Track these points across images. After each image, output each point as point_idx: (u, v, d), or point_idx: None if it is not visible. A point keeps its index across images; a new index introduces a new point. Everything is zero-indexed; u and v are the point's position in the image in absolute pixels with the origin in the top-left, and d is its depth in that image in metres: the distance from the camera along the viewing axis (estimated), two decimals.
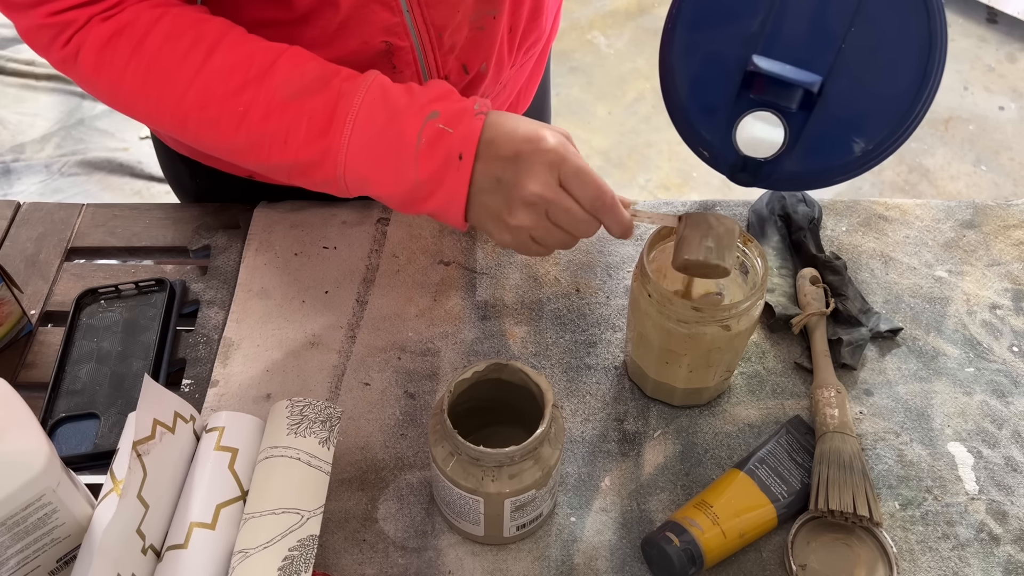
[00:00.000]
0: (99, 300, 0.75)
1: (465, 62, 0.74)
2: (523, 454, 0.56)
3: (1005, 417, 0.70)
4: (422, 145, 0.59)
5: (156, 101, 0.62)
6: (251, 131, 0.61)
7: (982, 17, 2.66)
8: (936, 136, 2.32)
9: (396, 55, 0.69)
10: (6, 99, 2.11)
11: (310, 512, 0.57)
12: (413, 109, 0.60)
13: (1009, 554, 0.62)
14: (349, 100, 0.60)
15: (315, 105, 0.60)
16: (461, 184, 0.60)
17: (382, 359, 0.72)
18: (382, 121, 0.60)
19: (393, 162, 0.60)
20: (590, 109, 2.38)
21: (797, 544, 0.62)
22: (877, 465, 0.67)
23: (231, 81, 0.60)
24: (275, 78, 0.60)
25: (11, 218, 0.82)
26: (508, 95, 0.85)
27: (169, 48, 0.60)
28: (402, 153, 0.60)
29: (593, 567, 0.61)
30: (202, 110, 0.61)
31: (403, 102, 0.60)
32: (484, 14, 0.71)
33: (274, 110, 0.60)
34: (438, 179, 0.60)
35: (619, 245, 0.81)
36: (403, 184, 0.61)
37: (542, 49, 0.86)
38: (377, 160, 0.60)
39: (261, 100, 0.60)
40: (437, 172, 0.60)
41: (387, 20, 0.67)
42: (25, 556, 0.53)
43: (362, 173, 0.61)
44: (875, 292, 0.77)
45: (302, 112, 0.60)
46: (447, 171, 0.59)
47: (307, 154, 0.61)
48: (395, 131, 0.60)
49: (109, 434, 0.67)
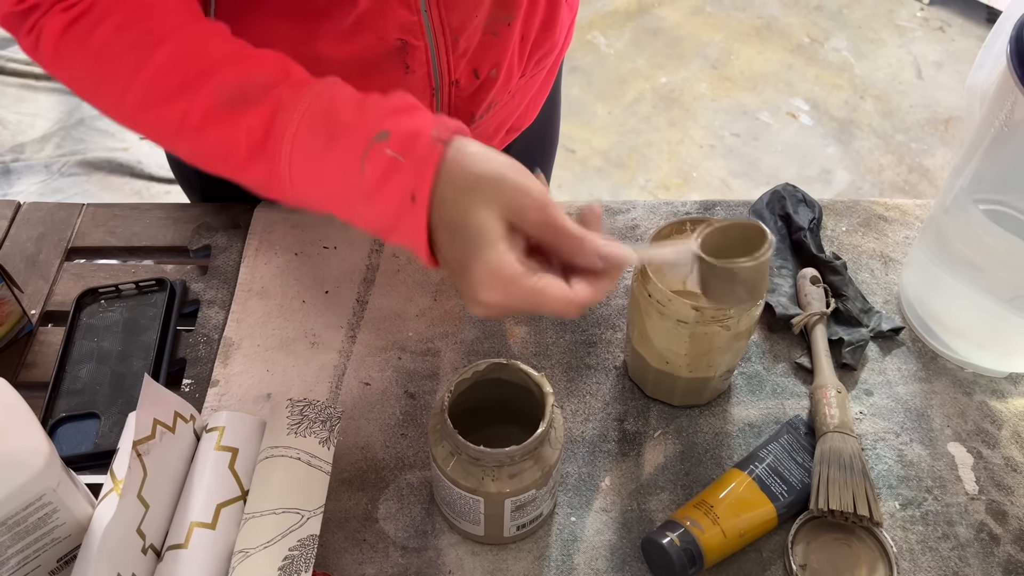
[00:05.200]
0: (99, 300, 0.75)
1: (476, 66, 0.73)
2: (523, 454, 0.56)
3: (1005, 417, 0.70)
4: (367, 174, 0.49)
5: (102, 98, 0.56)
6: (191, 142, 0.54)
7: (982, 17, 2.66)
8: (936, 136, 2.32)
9: (410, 54, 0.69)
10: (6, 99, 2.11)
11: (310, 512, 0.57)
12: (360, 128, 0.50)
13: (1009, 554, 0.62)
14: (288, 114, 0.50)
15: (252, 117, 0.51)
16: (419, 230, 0.49)
17: (382, 359, 0.72)
18: (322, 140, 0.50)
19: (340, 193, 0.51)
20: (590, 109, 2.38)
21: (797, 544, 0.62)
22: (877, 465, 0.67)
23: (170, 81, 0.52)
24: (214, 80, 0.52)
25: (11, 218, 0.82)
26: (516, 105, 0.84)
27: (117, 40, 0.53)
28: (347, 184, 0.50)
29: (593, 567, 0.61)
30: (142, 112, 0.54)
31: (349, 117, 0.50)
32: (499, 19, 0.71)
33: (209, 120, 0.52)
34: (392, 218, 0.50)
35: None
36: (357, 218, 0.52)
37: (553, 62, 0.86)
38: (323, 191, 0.51)
39: (197, 106, 0.52)
40: (390, 210, 0.49)
41: (404, 18, 0.66)
42: (25, 556, 0.53)
43: (315, 202, 0.52)
44: (875, 292, 0.77)
45: (239, 125, 0.51)
46: (401, 211, 0.49)
47: (252, 175, 0.53)
48: (338, 155, 0.50)
49: (109, 434, 0.67)
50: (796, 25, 2.69)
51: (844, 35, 2.65)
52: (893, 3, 2.77)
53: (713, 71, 2.51)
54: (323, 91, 0.51)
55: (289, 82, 0.52)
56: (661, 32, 2.65)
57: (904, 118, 2.38)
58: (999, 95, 0.61)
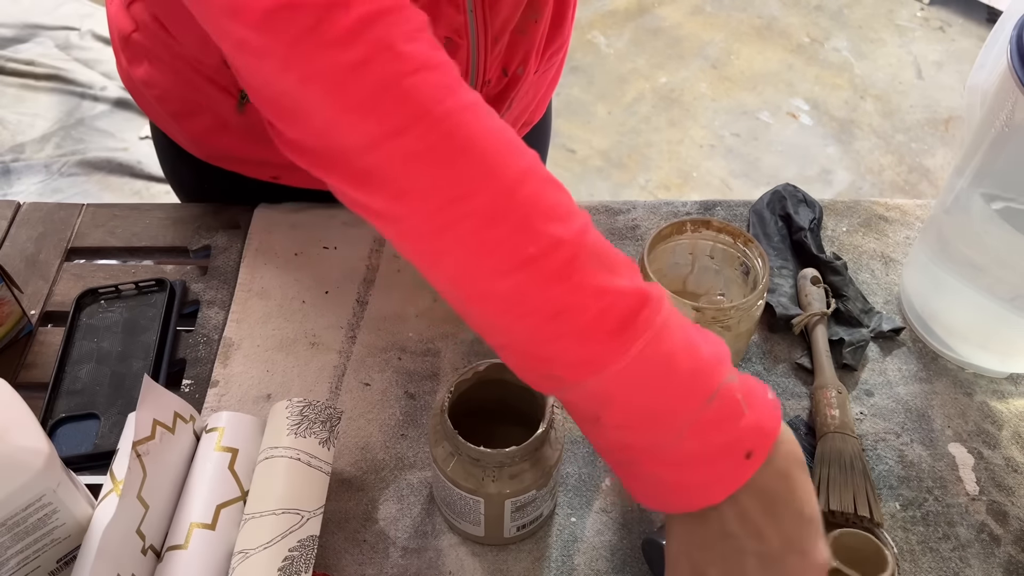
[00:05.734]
0: (99, 300, 0.75)
1: (505, 65, 0.74)
2: (523, 454, 0.56)
3: (1006, 418, 0.70)
4: (712, 410, 0.45)
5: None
6: (553, 280, 0.45)
7: (982, 17, 2.66)
8: (936, 136, 2.32)
9: (452, 53, 0.69)
10: (6, 99, 2.11)
11: (310, 512, 0.57)
12: (713, 359, 0.46)
13: (1010, 554, 0.62)
14: (656, 308, 0.45)
15: (624, 290, 0.45)
16: (730, 485, 0.45)
17: (382, 359, 0.72)
18: (681, 353, 0.45)
19: (667, 406, 0.45)
20: (590, 109, 2.38)
21: None
22: (878, 465, 0.67)
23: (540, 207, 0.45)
24: (590, 240, 0.46)
25: (11, 218, 0.82)
26: (530, 100, 0.85)
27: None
28: (684, 404, 0.45)
29: (593, 567, 0.61)
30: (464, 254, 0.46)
31: (698, 340, 0.46)
32: (528, 18, 0.72)
33: (577, 270, 0.45)
34: (706, 461, 0.45)
35: (619, 245, 0.80)
36: (657, 432, 0.46)
37: (562, 57, 0.86)
38: (650, 395, 0.45)
39: (567, 245, 0.45)
40: (710, 453, 0.45)
41: (453, 18, 0.67)
42: (25, 556, 0.53)
43: (617, 395, 0.46)
44: (875, 292, 0.77)
45: (600, 297, 0.45)
46: (721, 460, 0.45)
47: (568, 350, 0.45)
48: (690, 376, 0.45)
49: (109, 434, 0.67)
50: (796, 25, 2.69)
51: (844, 35, 2.65)
52: (893, 3, 2.77)
53: (713, 71, 2.51)
54: (671, 306, 0.47)
55: (634, 274, 0.47)
56: (661, 32, 2.65)
57: (904, 118, 2.38)
58: (999, 95, 0.61)
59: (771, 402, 0.47)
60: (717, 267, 0.68)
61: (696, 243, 0.67)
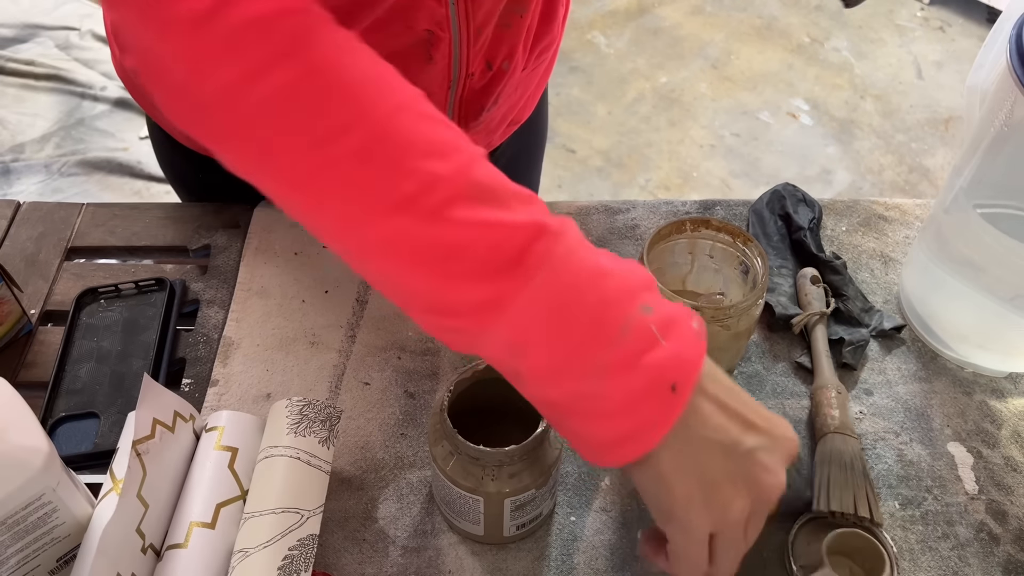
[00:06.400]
0: (99, 299, 0.75)
1: (490, 58, 0.74)
2: (523, 453, 0.56)
3: (1005, 417, 0.70)
4: (625, 343, 0.42)
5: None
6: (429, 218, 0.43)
7: (982, 17, 2.66)
8: (936, 136, 2.32)
9: (435, 46, 0.70)
10: (6, 99, 2.11)
11: (310, 511, 0.57)
12: (623, 288, 0.43)
13: (1009, 554, 0.62)
14: (554, 239, 0.43)
15: (512, 223, 0.42)
16: (662, 426, 0.43)
17: (382, 358, 0.72)
18: (586, 285, 0.43)
19: (576, 344, 0.43)
20: (590, 109, 2.38)
21: (797, 545, 0.61)
22: (877, 465, 0.67)
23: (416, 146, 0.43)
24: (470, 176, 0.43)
25: (11, 218, 0.82)
26: (519, 98, 0.85)
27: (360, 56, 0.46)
28: (593, 340, 0.43)
29: (593, 567, 0.61)
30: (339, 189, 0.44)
31: (608, 269, 0.44)
32: (512, 12, 0.72)
33: (458, 202, 0.42)
34: (631, 406, 0.43)
35: (619, 245, 0.80)
36: (573, 379, 0.43)
37: (551, 55, 0.86)
38: (556, 332, 0.43)
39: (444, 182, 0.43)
40: (633, 396, 0.43)
41: (433, 9, 0.67)
42: (25, 555, 0.53)
43: (525, 338, 0.43)
44: (875, 292, 0.77)
45: (487, 232, 0.42)
46: (646, 401, 0.43)
47: (465, 294, 0.43)
48: (596, 308, 0.43)
49: (109, 433, 0.67)
50: (796, 25, 2.69)
51: (844, 35, 2.65)
52: (893, 3, 2.77)
53: (713, 71, 2.51)
54: (565, 230, 0.44)
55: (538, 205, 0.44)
56: (661, 32, 2.65)
57: (904, 118, 2.38)
58: (999, 95, 0.61)
59: (694, 331, 0.44)
60: (716, 266, 0.68)
61: (695, 242, 0.67)
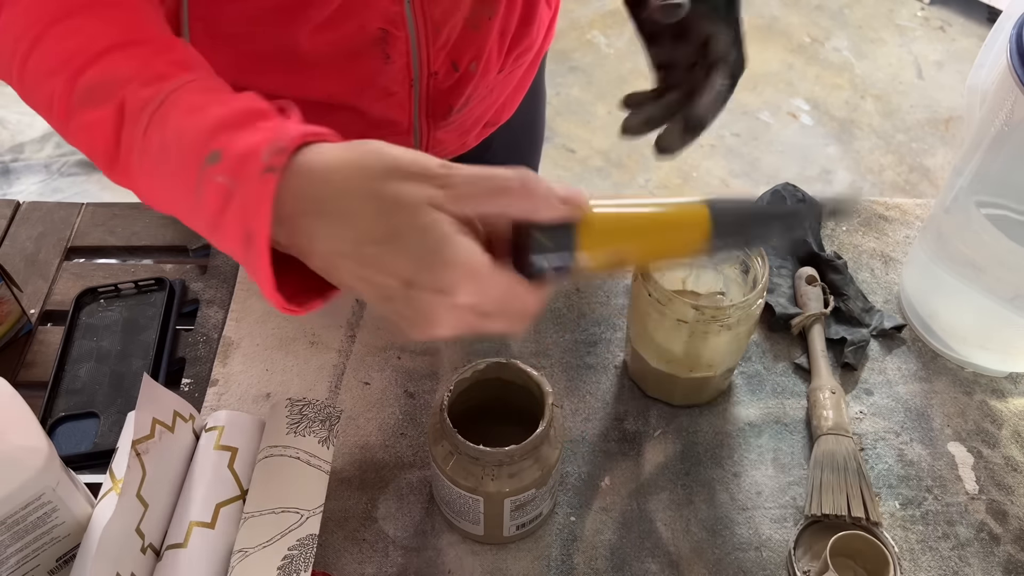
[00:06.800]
0: (99, 299, 0.75)
1: (455, 59, 0.73)
2: (523, 453, 0.56)
3: (1005, 417, 0.70)
4: (204, 205, 0.42)
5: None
6: (63, 130, 0.48)
7: (982, 17, 2.66)
8: (936, 136, 2.32)
9: (391, 44, 0.69)
10: (6, 99, 2.11)
11: (309, 511, 0.56)
12: (196, 143, 0.42)
13: (1009, 553, 0.62)
14: (133, 126, 0.44)
15: (102, 118, 0.45)
16: (264, 274, 0.41)
17: (382, 358, 0.72)
18: (168, 162, 0.44)
19: (184, 211, 0.45)
20: (590, 109, 2.38)
21: (800, 549, 0.61)
22: (877, 465, 0.67)
23: (46, 64, 0.47)
24: (87, 73, 0.46)
25: (11, 217, 0.82)
26: (494, 100, 0.84)
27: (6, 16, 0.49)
28: (189, 209, 0.44)
29: (593, 567, 0.61)
30: (26, 94, 0.50)
31: (187, 128, 0.43)
32: (481, 14, 0.71)
33: (73, 113, 0.46)
34: (240, 256, 0.42)
35: None
36: (209, 236, 0.44)
37: (532, 59, 0.86)
38: (170, 204, 0.45)
39: (58, 100, 0.47)
40: (234, 248, 0.42)
41: (386, 8, 0.66)
42: (24, 555, 0.53)
43: (161, 208, 0.47)
44: (875, 292, 0.77)
45: (93, 126, 0.45)
46: (241, 251, 0.42)
47: (114, 178, 0.47)
48: (178, 175, 0.43)
49: (109, 433, 0.67)
50: (796, 25, 2.68)
51: (844, 35, 2.65)
52: (893, 3, 2.77)
53: None
54: (169, 97, 0.44)
55: (137, 82, 0.45)
56: None
57: (904, 118, 2.38)
58: (999, 95, 0.61)
59: (260, 167, 0.40)
60: (716, 266, 0.68)
61: None
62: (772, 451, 0.67)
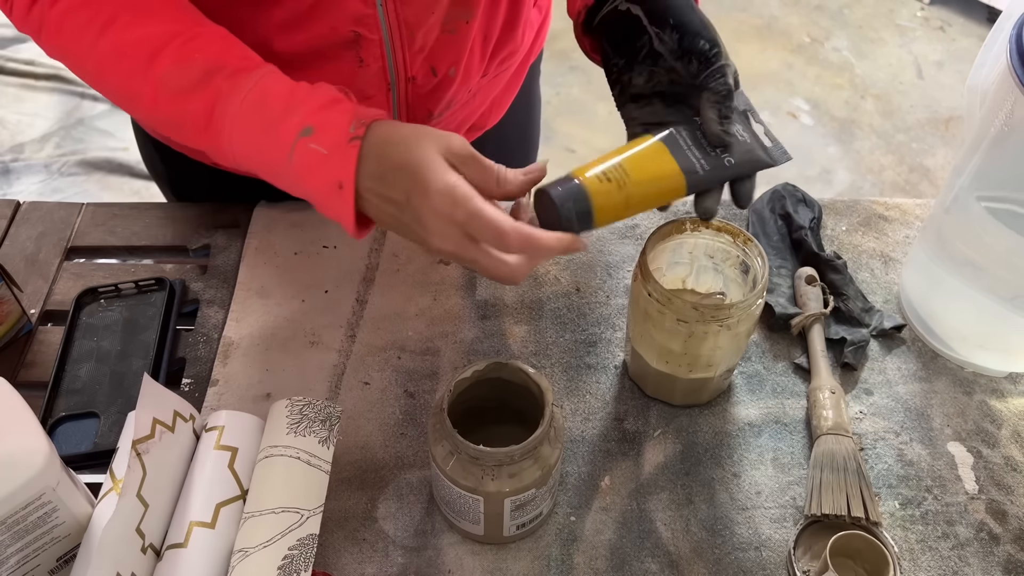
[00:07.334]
0: (99, 299, 0.75)
1: (434, 64, 0.73)
2: (523, 453, 0.56)
3: (1005, 417, 0.70)
4: (296, 165, 0.56)
5: (71, 69, 0.63)
6: (148, 115, 0.61)
7: (982, 17, 2.66)
8: (936, 136, 2.32)
9: (364, 47, 0.69)
10: (6, 99, 2.11)
11: (310, 511, 0.57)
12: (289, 122, 0.56)
13: (1009, 553, 0.62)
14: (226, 104, 0.57)
15: (195, 105, 0.57)
16: (347, 212, 0.56)
17: (382, 358, 0.72)
18: (258, 130, 0.57)
19: (275, 173, 0.58)
20: (590, 109, 2.38)
21: (800, 549, 0.61)
22: (877, 465, 0.67)
23: (120, 66, 0.59)
24: (158, 70, 0.58)
25: (11, 217, 0.82)
26: (479, 104, 0.84)
27: (69, 22, 0.59)
28: (279, 168, 0.57)
29: (593, 567, 0.61)
30: (101, 85, 0.61)
31: (278, 111, 0.56)
32: (457, 17, 0.71)
33: (160, 104, 0.59)
34: (323, 202, 0.57)
35: (619, 244, 0.80)
36: (296, 194, 0.59)
37: (520, 63, 0.85)
38: (263, 170, 0.58)
39: (147, 92, 0.58)
40: (320, 195, 0.56)
41: (358, 9, 0.66)
42: (25, 555, 0.53)
43: (256, 174, 0.59)
44: (875, 292, 0.77)
45: (184, 111, 0.58)
46: (329, 197, 0.56)
47: (201, 145, 0.60)
48: (270, 144, 0.56)
49: (109, 433, 0.67)
50: (796, 25, 2.68)
51: (844, 35, 2.65)
52: (893, 3, 2.77)
53: None
54: (257, 84, 0.57)
55: (227, 71, 0.57)
56: None
57: (904, 118, 2.38)
58: (999, 94, 0.61)
59: (347, 135, 0.55)
60: (716, 266, 0.68)
61: (695, 242, 0.67)
62: (772, 451, 0.67)
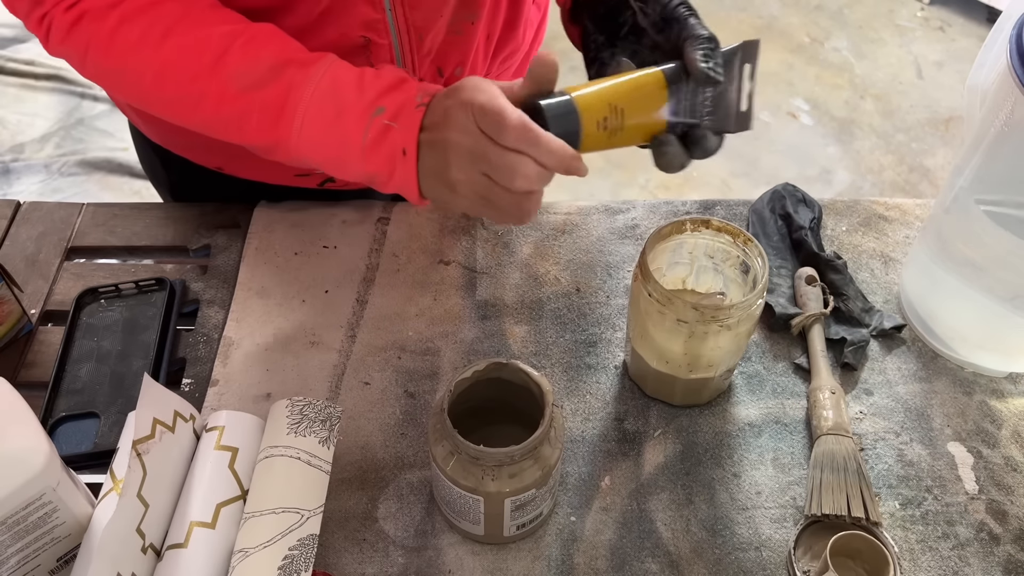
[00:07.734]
0: (99, 299, 0.75)
1: (440, 65, 0.74)
2: (523, 453, 0.56)
3: (1005, 417, 0.70)
4: (368, 143, 0.59)
5: (116, 86, 0.65)
6: (207, 117, 0.63)
7: (982, 17, 2.66)
8: (936, 136, 2.32)
9: (374, 52, 0.69)
10: (6, 99, 2.11)
11: (310, 511, 0.57)
12: (361, 105, 0.59)
13: (1009, 553, 0.62)
14: (299, 93, 0.60)
15: (266, 97, 0.60)
16: (410, 176, 0.60)
17: (382, 358, 0.72)
18: (331, 116, 0.60)
19: (342, 157, 0.61)
20: None
21: (800, 549, 0.61)
22: (877, 465, 0.67)
23: (184, 71, 0.61)
24: (227, 69, 0.60)
25: (11, 217, 0.82)
26: None
27: (123, 35, 0.60)
28: (350, 150, 0.60)
29: (593, 567, 0.61)
30: (160, 93, 0.63)
31: (352, 96, 0.60)
32: (463, 19, 0.71)
33: (227, 100, 0.61)
34: (388, 173, 0.60)
35: (619, 245, 0.81)
36: (356, 176, 0.62)
37: (521, 61, 0.85)
38: (327, 154, 0.61)
39: (213, 90, 0.60)
40: (385, 167, 0.60)
41: (368, 15, 0.67)
42: (25, 555, 0.53)
43: (315, 162, 0.62)
44: (875, 292, 0.77)
45: (253, 104, 0.60)
46: (394, 166, 0.60)
47: (261, 141, 0.62)
48: (343, 128, 0.60)
49: (109, 433, 0.67)
50: (796, 25, 2.68)
51: (844, 35, 2.65)
52: (893, 3, 2.77)
53: None
54: (326, 73, 0.60)
55: (297, 63, 0.60)
56: None
57: (904, 118, 2.38)
58: (999, 95, 0.61)
59: (413, 106, 0.59)
60: (717, 266, 0.68)
61: (696, 242, 0.67)
62: (772, 451, 0.67)
